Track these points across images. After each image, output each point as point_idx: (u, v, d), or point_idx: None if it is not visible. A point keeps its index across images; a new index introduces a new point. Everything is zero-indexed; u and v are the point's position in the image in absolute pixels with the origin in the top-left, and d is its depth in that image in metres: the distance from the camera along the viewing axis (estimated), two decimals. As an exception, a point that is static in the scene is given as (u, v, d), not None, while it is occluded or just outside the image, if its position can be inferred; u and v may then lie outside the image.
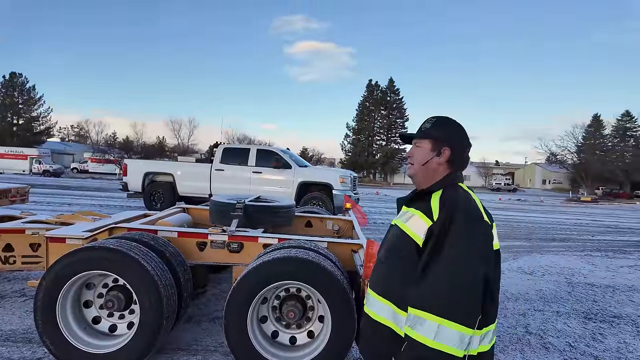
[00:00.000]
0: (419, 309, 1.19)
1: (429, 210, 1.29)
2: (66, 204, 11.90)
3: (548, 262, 7.04)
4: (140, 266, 2.60)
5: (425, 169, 1.41)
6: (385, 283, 1.36)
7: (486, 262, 1.24)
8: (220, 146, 10.20)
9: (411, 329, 1.19)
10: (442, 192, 1.33)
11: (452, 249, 1.20)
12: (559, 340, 3.64)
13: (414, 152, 1.45)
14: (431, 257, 1.22)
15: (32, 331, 3.20)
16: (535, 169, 69.64)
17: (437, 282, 1.19)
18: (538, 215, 17.02)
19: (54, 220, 4.17)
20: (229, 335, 2.63)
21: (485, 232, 1.27)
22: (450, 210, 1.25)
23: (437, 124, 1.43)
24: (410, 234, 1.30)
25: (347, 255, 3.18)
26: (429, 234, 1.25)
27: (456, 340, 1.14)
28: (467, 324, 1.16)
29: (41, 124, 51.96)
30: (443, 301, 1.16)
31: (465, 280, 1.18)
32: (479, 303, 1.20)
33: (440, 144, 1.39)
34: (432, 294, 1.18)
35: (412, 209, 1.36)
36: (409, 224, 1.32)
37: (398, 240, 1.35)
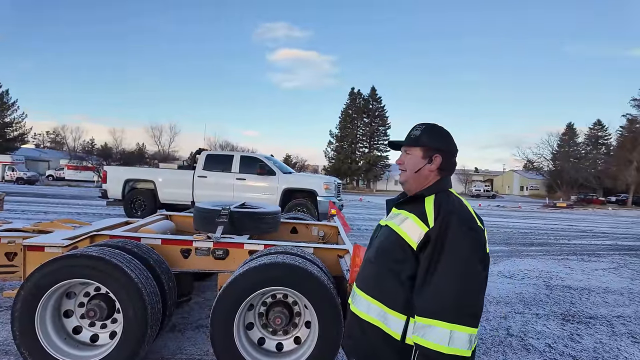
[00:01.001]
0: (427, 317, 1.19)
1: (424, 214, 1.31)
2: (42, 212, 11.52)
3: (527, 266, 7.23)
4: (123, 274, 2.56)
5: (417, 176, 1.44)
6: (375, 282, 1.37)
7: (485, 265, 1.28)
8: (203, 153, 10.10)
9: (422, 338, 1.19)
10: (434, 198, 1.36)
11: (455, 257, 1.22)
12: (539, 342, 3.74)
13: (405, 159, 1.47)
14: (432, 264, 1.24)
15: (9, 343, 3.09)
16: (513, 175, 71.54)
17: (443, 289, 1.20)
18: (516, 220, 17.44)
19: (32, 229, 4.05)
20: (215, 343, 2.61)
21: (482, 237, 1.30)
22: (447, 217, 1.27)
23: (427, 131, 1.46)
24: (404, 236, 1.32)
25: (334, 260, 3.20)
26: (425, 239, 1.27)
27: (466, 342, 1.17)
28: (474, 325, 1.20)
29: (15, 130, 50.17)
30: (454, 308, 1.18)
31: (473, 286, 1.21)
32: (482, 303, 1.26)
33: (432, 151, 1.42)
34: (441, 302, 1.19)
35: (405, 211, 1.38)
36: (403, 226, 1.34)
37: (390, 242, 1.37)
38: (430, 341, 1.18)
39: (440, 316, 1.18)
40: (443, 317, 1.18)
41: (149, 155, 53.38)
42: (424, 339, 1.19)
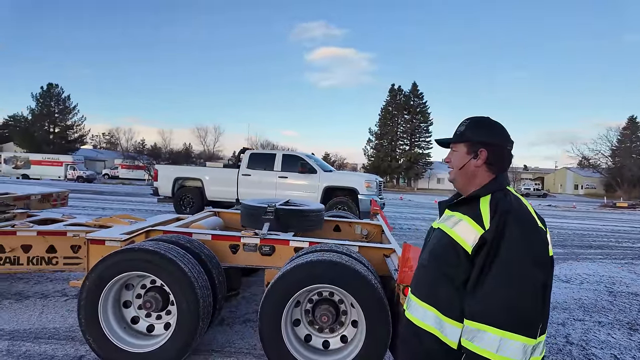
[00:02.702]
0: (477, 321, 1.14)
1: (479, 216, 1.24)
2: (100, 208, 12.35)
3: (586, 270, 6.74)
4: (177, 268, 2.66)
5: (463, 173, 1.38)
6: (429, 288, 1.32)
7: (544, 269, 1.19)
8: (247, 152, 10.35)
9: (470, 342, 1.15)
10: (491, 197, 1.28)
11: (509, 258, 1.15)
12: (603, 352, 3.47)
13: (451, 157, 1.42)
14: (485, 266, 1.17)
15: (75, 330, 3.32)
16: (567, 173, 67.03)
17: (494, 292, 1.14)
18: (571, 221, 16.34)
19: (93, 223, 4.34)
20: (264, 338, 2.65)
21: (541, 238, 1.21)
22: (504, 216, 1.19)
23: (472, 125, 1.39)
24: (458, 239, 1.25)
25: (379, 259, 3.15)
26: (480, 241, 1.20)
27: (519, 352, 1.10)
28: (529, 334, 1.11)
29: (75, 132, 54.33)
30: (503, 312, 1.12)
31: (525, 289, 1.13)
32: (540, 311, 1.15)
33: (476, 146, 1.35)
34: (491, 305, 1.14)
35: (459, 213, 1.31)
36: (457, 229, 1.27)
37: (443, 245, 1.30)
38: (478, 346, 1.12)
39: (489, 320, 1.12)
40: (492, 321, 1.11)
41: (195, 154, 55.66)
42: (473, 343, 1.14)
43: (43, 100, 52.05)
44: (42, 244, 3.82)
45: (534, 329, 1.13)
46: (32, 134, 50.13)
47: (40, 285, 4.47)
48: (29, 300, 3.99)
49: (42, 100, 51.99)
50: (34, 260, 3.83)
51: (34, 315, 3.61)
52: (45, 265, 3.84)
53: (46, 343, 3.08)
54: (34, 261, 3.82)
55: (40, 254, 3.83)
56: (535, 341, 1.14)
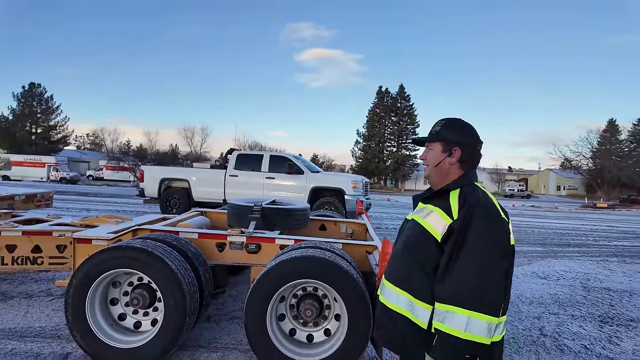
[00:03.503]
0: (447, 304, 1.27)
1: (448, 208, 1.37)
2: (85, 209, 12.20)
3: (563, 267, 6.99)
4: (164, 265, 2.72)
5: (438, 170, 1.50)
6: (402, 274, 1.43)
7: (506, 257, 1.33)
8: (234, 153, 10.38)
9: (441, 323, 1.27)
10: (459, 191, 1.41)
11: (475, 246, 1.28)
12: (575, 343, 3.64)
13: (427, 155, 1.54)
14: (454, 254, 1.30)
15: (60, 328, 3.35)
16: (550, 174, 68.58)
17: (462, 277, 1.27)
18: (552, 221, 16.78)
19: (79, 223, 4.34)
20: (249, 332, 2.73)
21: (504, 229, 1.35)
22: (470, 208, 1.32)
23: (447, 125, 1.52)
24: (430, 229, 1.37)
25: (362, 256, 3.26)
26: (449, 230, 1.32)
27: (484, 330, 1.23)
28: (493, 313, 1.25)
29: (58, 133, 53.22)
30: (470, 295, 1.24)
31: (490, 275, 1.27)
32: (502, 294, 1.29)
33: (451, 145, 1.48)
34: (459, 290, 1.26)
35: (431, 205, 1.44)
36: (428, 219, 1.40)
37: (416, 234, 1.42)
38: (448, 326, 1.24)
39: (458, 303, 1.24)
40: (461, 304, 1.24)
41: (182, 155, 55.08)
42: (443, 324, 1.26)
43: (25, 100, 50.88)
44: (27, 244, 3.82)
45: (497, 310, 1.27)
46: (14, 135, 48.92)
47: (25, 285, 4.46)
48: (13, 300, 3.98)
49: (23, 100, 50.82)
50: (19, 260, 3.82)
51: (19, 315, 3.62)
52: (30, 265, 3.84)
53: (32, 341, 3.10)
54: (18, 261, 3.81)
55: (25, 253, 3.82)
56: (498, 320, 1.28)
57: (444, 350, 1.26)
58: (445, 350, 1.26)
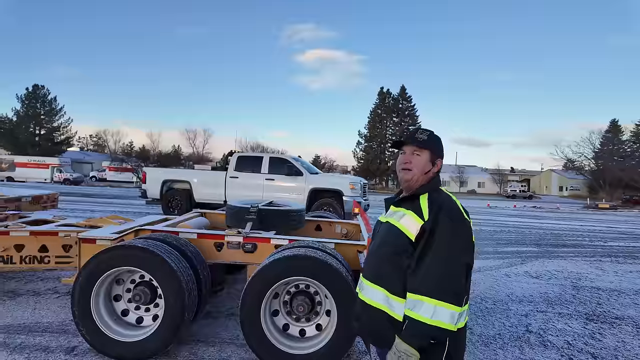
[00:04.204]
0: (418, 294, 1.43)
1: (420, 210, 1.54)
2: (89, 210, 12.42)
3: (556, 266, 7.13)
4: (165, 263, 2.90)
5: (424, 176, 1.66)
6: (378, 271, 1.59)
7: (468, 253, 1.51)
8: (235, 154, 10.57)
9: (411, 310, 1.43)
10: (428, 195, 1.58)
11: (442, 244, 1.45)
12: (558, 339, 3.79)
13: (413, 159, 1.66)
14: (424, 251, 1.47)
15: (66, 324, 3.52)
16: (552, 175, 68.47)
17: (431, 271, 1.43)
18: (552, 222, 16.88)
19: (84, 224, 4.53)
20: (244, 327, 2.90)
21: (467, 229, 1.53)
22: (438, 211, 1.50)
23: (433, 138, 1.69)
24: (404, 229, 1.54)
25: (353, 255, 3.42)
26: (421, 231, 1.49)
27: (448, 317, 1.40)
28: (457, 303, 1.42)
29: (62, 134, 53.68)
30: (438, 286, 1.41)
31: (454, 269, 1.44)
32: (464, 286, 1.47)
33: (435, 157, 1.66)
34: (428, 281, 1.43)
35: (403, 209, 1.60)
36: (403, 221, 1.56)
37: (391, 235, 1.58)
38: (417, 313, 1.41)
39: (427, 294, 1.41)
40: (429, 294, 1.41)
41: (184, 157, 55.40)
42: (414, 311, 1.43)
43: (28, 102, 51.35)
44: (34, 244, 4.00)
45: (460, 300, 1.44)
46: (17, 136, 49.39)
47: (32, 283, 4.64)
48: (21, 298, 4.17)
49: (27, 102, 51.29)
50: (27, 259, 3.99)
51: (28, 311, 3.80)
52: (37, 264, 4.02)
53: (40, 336, 3.28)
54: (26, 260, 3.99)
55: (33, 253, 4.00)
56: (461, 309, 1.45)
57: (412, 334, 1.42)
58: (413, 334, 1.42)
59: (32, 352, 3.00)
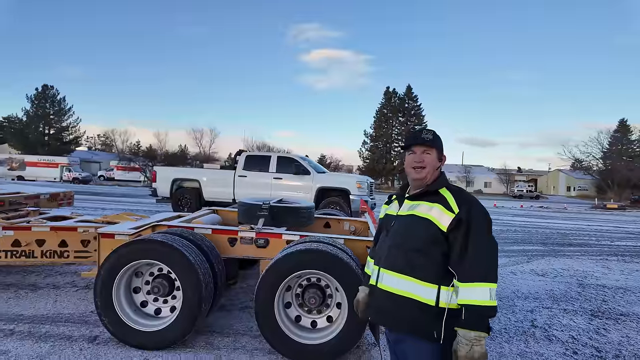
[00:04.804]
0: (472, 281, 1.54)
1: (447, 203, 1.65)
2: (100, 208, 12.64)
3: (562, 265, 7.18)
4: (183, 257, 3.03)
5: (435, 173, 1.78)
6: (406, 262, 1.66)
7: None
8: (243, 154, 10.71)
9: (472, 299, 1.52)
10: (448, 189, 1.70)
11: (482, 234, 1.59)
12: (563, 333, 3.87)
13: (425, 158, 1.77)
14: (465, 241, 1.58)
15: (87, 315, 3.68)
16: (559, 175, 67.94)
17: (479, 259, 1.56)
18: (559, 221, 16.83)
19: (101, 220, 4.69)
20: (259, 318, 3.02)
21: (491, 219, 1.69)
22: (468, 204, 1.64)
23: (437, 136, 1.81)
24: (435, 221, 1.63)
25: (362, 250, 3.52)
26: (455, 222, 1.60)
27: (495, 295, 1.55)
28: (497, 281, 1.58)
29: (70, 134, 54.34)
30: (487, 272, 1.55)
31: (494, 252, 1.61)
32: None
33: (441, 154, 1.81)
34: (479, 269, 1.55)
35: (427, 202, 1.69)
36: (432, 213, 1.65)
37: (419, 227, 1.66)
38: (478, 299, 1.52)
39: (480, 279, 1.54)
40: (483, 279, 1.54)
41: (191, 156, 55.72)
42: (473, 298, 1.53)
43: (38, 102, 52.02)
44: (54, 239, 4.16)
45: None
46: (27, 136, 50.11)
47: (51, 277, 4.81)
48: (42, 290, 4.33)
49: (36, 102, 51.97)
50: (48, 254, 4.16)
51: (49, 303, 3.96)
52: (57, 258, 4.18)
53: (63, 326, 3.43)
54: (47, 254, 4.16)
55: (53, 248, 4.16)
56: None
57: (477, 319, 1.51)
58: (478, 319, 1.51)
59: (57, 340, 3.15)
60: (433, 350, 1.59)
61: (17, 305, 3.87)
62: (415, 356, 1.66)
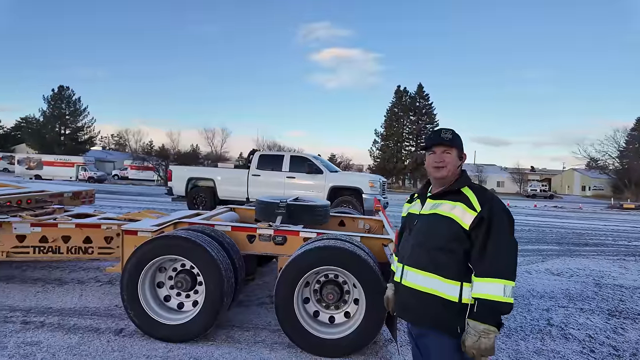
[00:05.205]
0: (487, 277, 1.59)
1: (469, 202, 1.70)
2: (117, 207, 12.91)
3: (578, 264, 7.12)
4: (206, 252, 3.13)
5: (455, 172, 1.83)
6: (429, 259, 1.71)
7: None
8: (257, 153, 10.83)
9: (485, 293, 1.58)
10: (470, 188, 1.74)
11: (503, 232, 1.63)
12: (580, 332, 3.87)
13: (445, 158, 1.81)
14: (485, 238, 1.62)
15: (112, 309, 3.81)
16: (574, 174, 66.76)
17: (497, 256, 1.60)
18: (574, 221, 16.60)
19: (123, 217, 4.83)
20: (279, 312, 3.11)
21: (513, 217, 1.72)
22: (490, 202, 1.68)
23: (457, 136, 1.86)
24: (457, 219, 1.68)
25: (378, 247, 3.58)
26: (477, 220, 1.64)
27: (511, 293, 1.59)
28: (514, 279, 1.61)
29: (85, 134, 55.40)
30: (505, 268, 1.59)
31: (514, 250, 1.64)
32: None
33: (461, 152, 1.85)
34: (496, 265, 1.59)
35: (450, 201, 1.74)
36: (455, 212, 1.70)
37: (442, 225, 1.71)
38: (492, 294, 1.57)
39: (497, 275, 1.58)
40: (499, 276, 1.58)
41: (202, 155, 56.23)
42: (487, 293, 1.58)
43: (54, 103, 53.11)
44: (79, 235, 4.31)
45: (515, 276, 1.64)
46: (44, 136, 51.26)
47: (76, 272, 4.98)
48: (68, 285, 4.49)
49: (53, 103, 53.05)
50: (73, 250, 4.31)
51: (75, 297, 4.11)
52: (82, 254, 4.32)
53: (90, 319, 3.57)
54: (72, 250, 4.30)
55: (78, 244, 4.31)
56: None
57: (489, 314, 1.57)
58: (490, 313, 1.57)
59: (85, 332, 3.28)
60: (455, 345, 1.65)
61: (46, 299, 4.03)
62: (437, 350, 1.71)
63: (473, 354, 1.56)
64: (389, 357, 3.16)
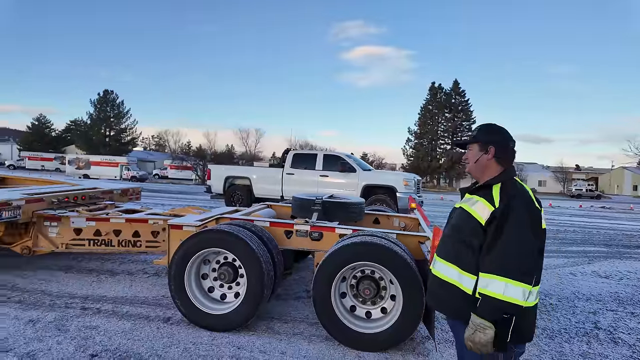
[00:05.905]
0: (489, 273, 1.60)
1: (491, 198, 1.71)
2: (159, 204, 13.55)
3: (628, 267, 6.73)
4: (247, 246, 3.27)
5: (477, 166, 1.86)
6: (452, 251, 1.78)
7: (538, 237, 1.65)
8: (291, 152, 11.02)
9: (485, 288, 1.60)
10: (501, 185, 1.74)
11: (512, 229, 1.60)
12: (630, 337, 3.69)
13: (468, 154, 1.91)
14: (495, 235, 1.63)
15: (159, 299, 4.05)
16: (624, 173, 62.56)
17: (501, 253, 1.60)
18: (624, 222, 15.62)
19: (168, 213, 5.10)
20: (317, 305, 3.19)
21: (537, 215, 1.67)
22: (510, 198, 1.66)
23: (483, 129, 1.89)
24: (475, 215, 1.72)
25: (415, 245, 3.58)
26: (492, 216, 1.66)
27: (520, 294, 1.56)
28: (526, 281, 1.57)
29: (128, 135, 58.39)
30: (506, 266, 1.58)
31: (523, 251, 1.59)
32: (534, 266, 1.62)
33: (486, 145, 1.83)
34: (498, 262, 1.59)
35: (476, 196, 1.78)
36: (475, 207, 1.74)
37: (463, 220, 1.77)
38: (491, 291, 1.59)
39: (497, 272, 1.59)
40: (500, 273, 1.58)
41: (237, 155, 57.66)
42: (487, 289, 1.60)
43: (100, 106, 56.33)
44: (129, 230, 4.60)
45: (530, 278, 1.60)
46: (91, 137, 54.52)
47: (125, 265, 5.31)
48: (119, 276, 4.81)
49: (99, 106, 56.30)
50: (123, 243, 4.61)
51: (126, 287, 4.40)
52: (131, 247, 4.62)
53: (140, 307, 3.81)
54: (122, 243, 4.61)
55: (128, 237, 4.60)
56: (531, 288, 1.60)
57: (486, 309, 1.59)
58: (487, 309, 1.59)
59: (137, 320, 3.51)
60: None
61: (100, 288, 4.33)
62: (459, 340, 1.77)
63: (470, 346, 1.60)
64: (426, 353, 3.16)
